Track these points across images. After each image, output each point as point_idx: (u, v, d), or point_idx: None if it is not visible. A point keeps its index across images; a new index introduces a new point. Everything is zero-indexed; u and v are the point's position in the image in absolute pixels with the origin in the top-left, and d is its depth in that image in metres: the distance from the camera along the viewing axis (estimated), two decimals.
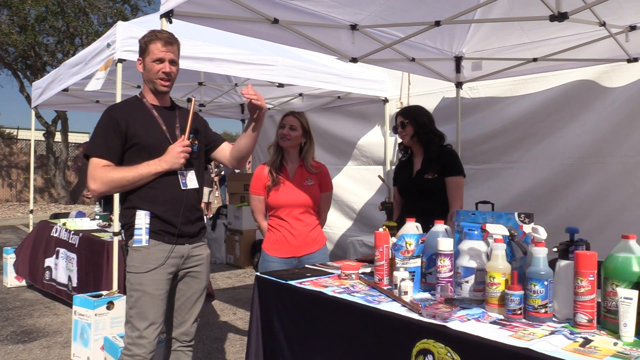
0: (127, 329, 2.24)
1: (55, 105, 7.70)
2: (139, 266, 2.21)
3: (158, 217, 2.24)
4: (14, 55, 17.10)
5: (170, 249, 2.25)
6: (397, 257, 2.06)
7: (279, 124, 2.98)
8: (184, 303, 2.38)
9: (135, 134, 2.23)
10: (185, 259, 2.33)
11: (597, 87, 4.13)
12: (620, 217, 3.92)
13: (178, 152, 2.24)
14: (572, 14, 2.89)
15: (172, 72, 2.30)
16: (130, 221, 2.25)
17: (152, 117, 2.31)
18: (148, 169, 2.21)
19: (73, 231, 5.02)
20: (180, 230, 2.27)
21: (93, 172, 2.19)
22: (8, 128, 23.37)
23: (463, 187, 3.08)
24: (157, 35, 2.30)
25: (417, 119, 3.11)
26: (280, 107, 6.86)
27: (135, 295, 2.20)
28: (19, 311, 5.00)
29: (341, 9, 3.39)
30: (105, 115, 2.27)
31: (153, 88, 2.33)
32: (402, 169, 3.26)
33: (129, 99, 2.39)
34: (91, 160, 2.22)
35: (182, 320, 2.39)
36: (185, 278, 2.37)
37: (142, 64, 2.32)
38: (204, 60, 4.19)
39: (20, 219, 13.54)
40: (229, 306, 5.19)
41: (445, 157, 3.06)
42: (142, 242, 2.21)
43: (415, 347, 1.62)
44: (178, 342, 2.41)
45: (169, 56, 2.28)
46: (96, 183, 2.19)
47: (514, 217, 1.92)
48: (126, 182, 2.20)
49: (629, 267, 1.51)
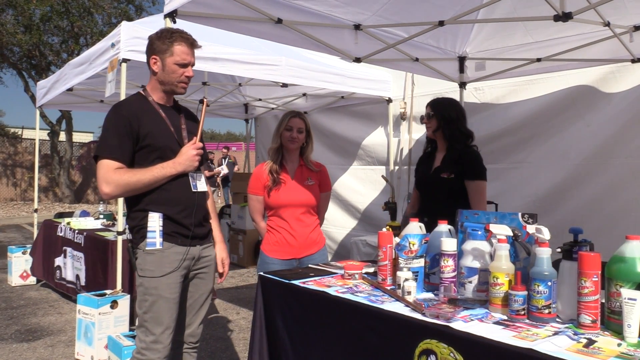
0: (141, 333, 2.19)
1: (59, 104, 7.72)
2: (153, 270, 2.16)
3: (171, 219, 2.20)
4: (18, 55, 17.17)
5: (184, 251, 2.22)
6: (400, 257, 2.06)
7: (284, 126, 2.92)
8: (192, 305, 2.36)
9: (147, 135, 2.16)
10: (196, 261, 2.31)
11: (602, 87, 4.11)
12: (625, 218, 3.90)
13: (193, 155, 2.22)
14: (577, 14, 2.88)
15: (192, 76, 2.28)
16: (141, 223, 2.19)
17: (160, 117, 2.25)
18: (163, 172, 2.16)
19: (78, 230, 5.05)
20: (193, 232, 2.25)
21: (106, 174, 2.10)
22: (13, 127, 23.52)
23: (485, 192, 2.92)
24: (183, 35, 2.22)
25: (444, 113, 2.96)
26: (284, 107, 6.87)
27: (150, 300, 2.15)
28: (23, 310, 5.03)
29: (344, 9, 3.39)
30: (115, 114, 2.18)
31: (169, 90, 2.27)
32: (424, 163, 3.15)
33: (133, 97, 2.30)
34: (102, 162, 2.13)
35: (189, 322, 2.36)
36: (194, 280, 2.34)
37: (159, 62, 2.22)
38: (208, 60, 4.20)
39: (25, 218, 13.59)
40: (232, 305, 5.20)
41: (467, 158, 2.90)
42: (156, 245, 2.16)
43: (418, 347, 1.62)
44: (184, 344, 2.37)
45: (193, 60, 2.25)
46: (110, 186, 2.10)
47: (518, 218, 1.92)
48: (142, 186, 2.14)
49: (633, 268, 1.51)
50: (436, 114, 2.98)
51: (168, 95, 2.31)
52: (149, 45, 2.25)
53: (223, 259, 2.46)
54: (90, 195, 18.92)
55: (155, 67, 2.23)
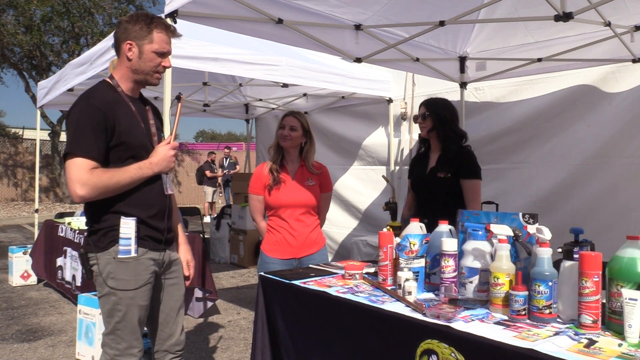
0: (111, 341, 2.03)
1: (60, 105, 7.71)
2: (128, 280, 1.99)
3: (144, 222, 2.04)
4: (19, 56, 17.21)
5: (157, 256, 2.09)
6: (401, 257, 2.06)
7: (279, 124, 2.96)
8: (169, 314, 2.21)
9: (122, 132, 1.98)
10: (167, 266, 2.19)
11: (603, 87, 4.11)
12: (626, 218, 3.90)
13: (170, 156, 2.08)
14: (577, 14, 2.88)
15: (169, 67, 2.11)
16: (111, 226, 1.99)
17: (131, 111, 2.05)
18: (140, 173, 2.00)
19: (78, 230, 5.05)
20: (165, 237, 2.13)
21: (81, 175, 1.88)
22: (14, 128, 23.53)
23: (480, 191, 2.97)
24: (163, 22, 2.07)
25: (439, 113, 2.99)
26: (285, 107, 6.87)
27: (124, 310, 2.00)
28: (24, 310, 5.03)
29: (345, 9, 3.39)
30: (88, 107, 1.95)
31: (142, 79, 2.08)
32: (418, 164, 3.17)
33: (101, 86, 2.06)
34: (75, 160, 1.89)
35: (171, 331, 2.21)
36: (167, 288, 2.20)
37: (135, 49, 2.02)
38: (208, 61, 4.20)
39: (26, 218, 13.60)
40: (232, 305, 5.20)
41: (462, 158, 2.94)
42: (130, 253, 1.98)
43: (419, 347, 1.62)
44: (170, 354, 2.23)
45: (171, 50, 2.10)
46: (85, 188, 1.88)
47: (519, 218, 1.92)
48: (119, 188, 1.96)
49: (634, 268, 1.51)
50: (431, 114, 3.00)
51: (138, 86, 2.12)
52: (121, 30, 2.04)
53: (188, 260, 2.33)
54: None
55: (130, 53, 2.02)
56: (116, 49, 2.09)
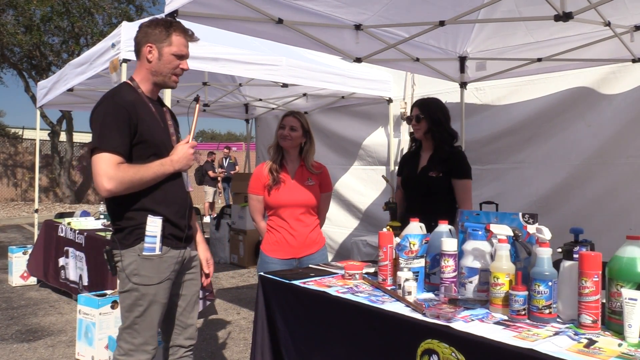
0: (127, 335, 2.09)
1: (60, 105, 7.74)
2: (151, 277, 2.06)
3: (168, 220, 2.11)
4: (19, 55, 17.21)
5: (179, 254, 2.16)
6: (400, 257, 2.06)
7: (279, 124, 2.97)
8: (186, 308, 2.29)
9: (145, 130, 2.05)
10: (187, 263, 2.26)
11: (603, 88, 4.11)
12: (626, 218, 3.90)
13: (190, 154, 2.15)
14: (577, 13, 2.88)
15: (187, 69, 2.19)
16: (138, 224, 2.06)
17: (151, 111, 2.14)
18: (162, 169, 2.07)
19: (78, 230, 5.05)
20: (186, 234, 2.19)
21: (108, 169, 1.95)
22: (13, 128, 23.52)
23: (471, 190, 3.04)
24: (181, 26, 2.14)
25: (433, 115, 3.04)
26: (285, 107, 6.87)
27: (145, 305, 2.07)
28: (24, 310, 5.03)
29: (345, 9, 3.39)
30: (113, 105, 2.03)
31: (161, 81, 2.17)
32: (408, 162, 3.21)
33: (123, 87, 2.15)
34: (102, 155, 1.96)
35: (185, 325, 2.29)
36: (186, 282, 2.28)
37: (155, 51, 2.11)
38: (208, 60, 4.20)
39: (25, 218, 13.60)
40: (232, 306, 5.20)
41: (454, 158, 3.01)
42: (155, 251, 2.06)
43: (420, 347, 1.62)
44: (183, 349, 2.29)
45: (189, 53, 2.17)
46: (112, 182, 1.95)
47: (518, 218, 1.92)
48: (143, 183, 2.03)
49: (634, 268, 1.51)
50: (426, 117, 3.05)
51: (157, 88, 2.21)
52: (141, 33, 2.13)
53: (207, 258, 2.41)
54: (91, 195, 18.93)
55: (150, 55, 2.11)
56: (136, 52, 2.17)
